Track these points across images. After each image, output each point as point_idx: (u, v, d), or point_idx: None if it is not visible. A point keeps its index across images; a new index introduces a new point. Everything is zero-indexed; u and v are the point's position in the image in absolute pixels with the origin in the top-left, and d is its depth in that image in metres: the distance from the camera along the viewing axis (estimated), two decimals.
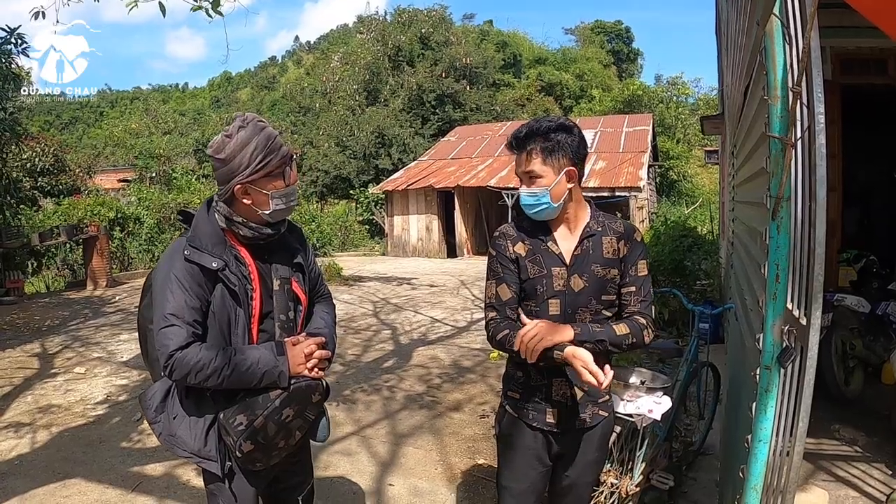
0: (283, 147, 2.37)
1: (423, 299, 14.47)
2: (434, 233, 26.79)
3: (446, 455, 5.37)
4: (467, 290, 15.95)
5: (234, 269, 2.38)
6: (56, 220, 19.18)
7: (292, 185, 2.43)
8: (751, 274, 3.24)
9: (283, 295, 2.50)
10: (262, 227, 2.44)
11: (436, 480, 4.90)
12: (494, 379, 7.56)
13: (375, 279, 18.58)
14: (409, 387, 7.43)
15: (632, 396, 3.76)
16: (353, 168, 38.05)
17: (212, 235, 2.41)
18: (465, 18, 67.79)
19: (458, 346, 9.44)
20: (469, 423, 6.13)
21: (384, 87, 42.57)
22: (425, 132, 39.87)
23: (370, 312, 12.70)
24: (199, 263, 2.33)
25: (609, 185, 22.97)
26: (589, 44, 66.10)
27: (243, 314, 2.39)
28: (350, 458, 5.31)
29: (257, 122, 2.35)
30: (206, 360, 2.25)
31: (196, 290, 2.33)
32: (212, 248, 2.37)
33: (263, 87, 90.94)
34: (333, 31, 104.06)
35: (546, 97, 51.59)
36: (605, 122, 31.73)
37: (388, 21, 47.57)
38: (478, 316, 12.01)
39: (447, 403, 6.79)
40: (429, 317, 12.10)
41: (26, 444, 5.90)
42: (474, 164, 28.27)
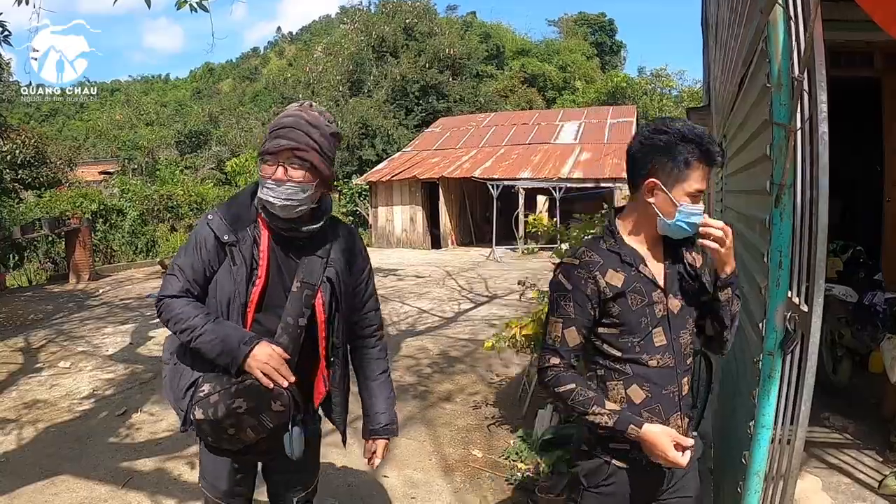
0: (282, 141, 2.29)
1: (409, 290, 14.46)
2: (418, 224, 26.76)
3: (440, 446, 5.38)
4: (453, 280, 15.96)
5: (246, 249, 2.37)
6: (38, 213, 19.02)
7: (281, 180, 2.30)
8: (748, 262, 3.25)
9: (300, 300, 2.41)
10: (271, 215, 2.38)
11: (430, 471, 4.90)
12: (484, 369, 7.59)
13: None
14: (398, 377, 7.37)
15: None
16: (337, 159, 37.88)
17: (240, 210, 2.45)
18: (448, 10, 67.62)
19: (447, 337, 9.45)
20: (462, 414, 6.14)
21: (368, 78, 42.51)
22: (409, 123, 39.86)
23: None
24: (215, 231, 2.38)
25: (594, 176, 23.01)
26: (572, 35, 66.11)
27: (241, 296, 2.36)
28: (342, 451, 5.24)
29: (301, 108, 2.39)
30: (186, 314, 2.32)
31: (205, 254, 2.38)
32: (233, 222, 2.40)
33: (245, 78, 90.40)
34: (316, 21, 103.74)
35: (529, 88, 51.66)
36: (588, 113, 31.78)
37: (373, 12, 47.49)
38: (465, 306, 12.04)
39: (438, 394, 6.80)
40: (416, 307, 12.08)
41: (12, 441, 5.79)
42: (458, 155, 28.24)
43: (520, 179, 23.55)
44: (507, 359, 7.64)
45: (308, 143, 2.30)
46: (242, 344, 2.26)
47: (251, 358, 2.25)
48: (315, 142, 2.33)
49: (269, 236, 2.41)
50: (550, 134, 29.00)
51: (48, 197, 21.12)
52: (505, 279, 15.36)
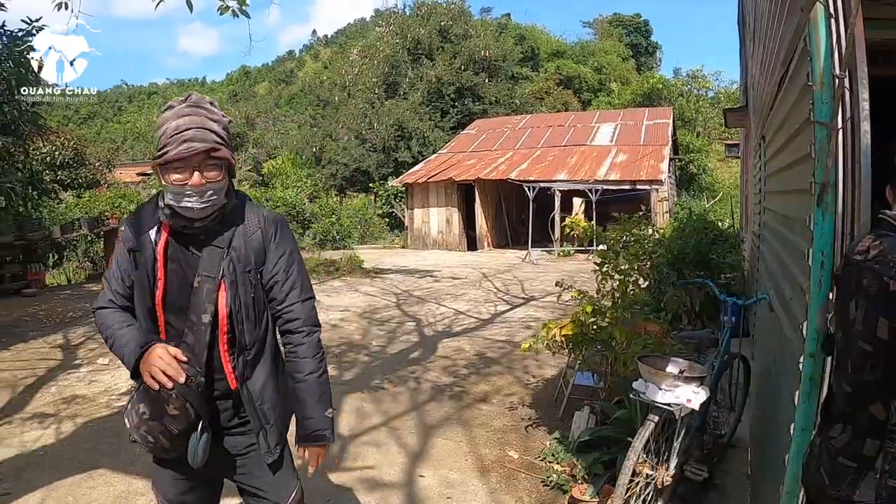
0: (194, 144, 2.18)
1: (445, 291, 14.50)
2: (454, 226, 26.77)
3: (476, 446, 5.37)
4: (489, 282, 15.95)
5: (147, 253, 2.34)
6: (77, 213, 19.39)
7: (201, 186, 2.22)
8: (790, 263, 3.22)
9: (201, 296, 2.33)
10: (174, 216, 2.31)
11: (466, 472, 4.90)
12: (520, 370, 7.58)
13: (397, 272, 18.66)
14: (435, 378, 7.45)
15: (670, 386, 3.74)
16: (373, 161, 38.14)
17: (145, 215, 2.41)
18: (483, 12, 67.44)
19: (483, 338, 9.45)
20: (498, 415, 6.13)
21: (403, 81, 42.59)
22: (445, 125, 39.89)
23: (393, 304, 12.73)
24: (122, 241, 2.39)
25: (630, 178, 22.86)
26: (607, 37, 65.63)
27: (148, 300, 2.35)
28: (379, 450, 5.33)
29: (190, 105, 2.27)
30: (107, 324, 2.37)
31: (122, 263, 2.40)
32: (135, 227, 2.39)
33: (281, 80, 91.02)
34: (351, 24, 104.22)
35: (565, 90, 51.38)
36: (625, 115, 31.60)
37: (407, 14, 47.53)
38: (501, 308, 12.04)
39: (474, 395, 6.80)
40: (452, 309, 12.10)
41: (51, 436, 5.92)
42: (494, 156, 28.22)
43: (556, 181, 23.46)
44: (543, 360, 7.63)
45: (217, 141, 2.24)
46: (138, 347, 2.25)
47: (142, 361, 2.22)
48: (220, 137, 2.26)
49: (167, 237, 2.34)
50: (586, 136, 28.86)
51: (87, 197, 21.49)
52: (541, 281, 15.33)
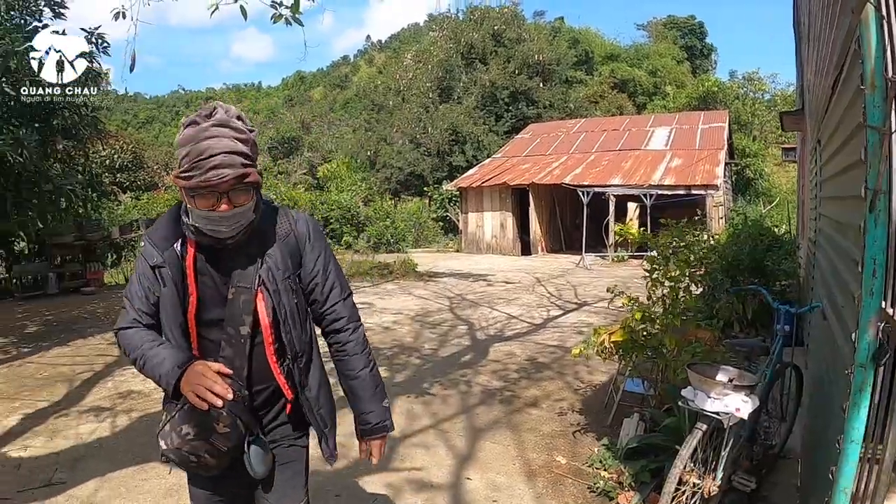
0: (222, 171, 2.05)
1: (498, 296, 14.49)
2: (508, 230, 26.72)
3: (524, 451, 5.36)
4: (542, 287, 15.89)
5: (174, 268, 2.25)
6: (135, 214, 19.91)
7: (221, 213, 2.12)
8: (842, 270, 3.16)
9: (237, 307, 2.26)
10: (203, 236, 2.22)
11: (514, 476, 4.89)
12: (571, 376, 7.54)
13: (450, 275, 18.75)
14: (485, 382, 7.45)
15: (719, 394, 3.70)
16: (427, 165, 38.28)
17: (167, 229, 2.31)
18: (536, 15, 67.00)
19: (535, 343, 9.42)
20: (547, 420, 6.10)
21: (457, 85, 42.64)
22: (499, 129, 39.83)
23: (446, 307, 12.79)
24: (145, 258, 2.29)
25: (685, 183, 22.58)
26: (661, 39, 64.67)
27: (179, 316, 2.27)
28: (428, 451, 5.36)
29: (216, 124, 2.10)
30: (134, 344, 2.26)
31: (145, 281, 2.29)
32: (159, 243, 2.29)
33: (336, 85, 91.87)
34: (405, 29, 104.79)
35: (619, 94, 50.89)
36: (680, 118, 31.13)
37: (461, 19, 47.56)
38: (554, 313, 11.99)
39: (524, 399, 6.78)
40: (505, 313, 12.09)
41: (106, 428, 6.18)
42: (549, 161, 28.10)
43: (610, 186, 23.27)
44: (595, 366, 7.57)
45: (245, 163, 2.12)
46: (177, 367, 2.15)
47: (183, 381, 2.12)
48: (249, 157, 2.14)
49: (194, 250, 2.26)
50: (641, 140, 28.57)
51: (145, 199, 22.04)
52: (594, 287, 15.23)
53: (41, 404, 7.03)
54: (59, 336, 10.84)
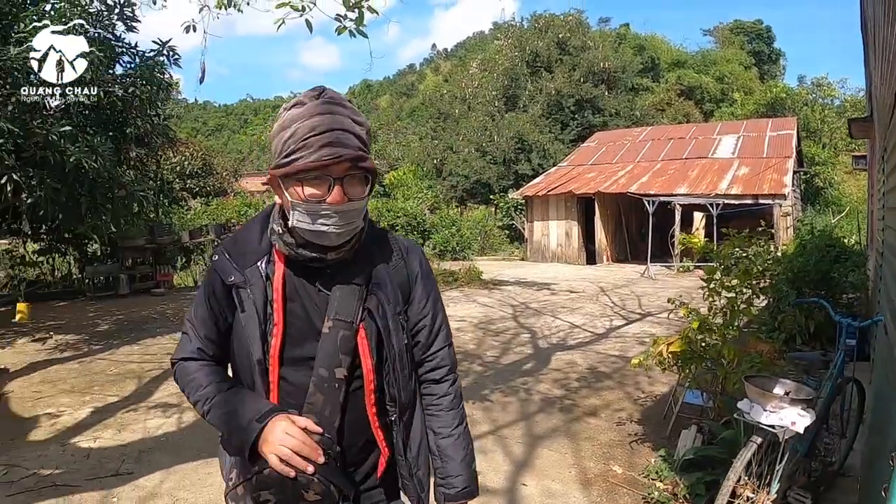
0: (337, 150, 1.68)
1: (561, 304, 14.52)
2: (573, 239, 26.63)
3: (581, 459, 5.42)
4: (607, 296, 15.84)
5: (256, 291, 1.84)
6: (205, 220, 20.45)
7: (333, 203, 1.71)
8: None
9: (334, 343, 1.82)
10: (301, 246, 1.82)
11: (569, 483, 4.95)
12: (631, 386, 7.55)
13: (515, 283, 18.78)
14: (545, 390, 7.52)
15: (775, 407, 3.70)
16: (493, 173, 38.32)
17: (249, 242, 1.92)
18: (601, 22, 66.45)
19: (596, 352, 9.44)
20: (605, 429, 6.15)
21: (523, 93, 42.61)
22: (565, 137, 39.69)
23: (509, 315, 12.86)
24: (219, 273, 1.89)
25: (752, 192, 22.17)
26: (728, 45, 63.38)
27: (257, 351, 1.82)
28: (485, 456, 5.44)
29: (327, 101, 1.74)
30: (197, 383, 1.89)
31: (215, 303, 1.92)
32: (239, 258, 1.89)
33: (402, 94, 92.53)
34: (470, 38, 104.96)
35: (686, 101, 50.12)
36: (747, 126, 30.51)
37: (525, 27, 47.53)
38: (617, 323, 11.97)
39: (584, 408, 6.83)
40: (568, 322, 12.12)
41: (173, 424, 6.50)
42: (614, 169, 27.92)
43: (676, 195, 23.02)
44: (656, 378, 7.56)
45: (362, 148, 1.75)
46: (255, 421, 1.73)
47: (262, 441, 1.71)
48: (366, 143, 1.78)
49: (284, 269, 1.86)
50: (708, 148, 28.14)
51: (215, 205, 22.55)
52: (658, 297, 15.11)
53: (111, 399, 7.43)
54: (129, 335, 11.33)
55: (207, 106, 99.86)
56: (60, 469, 5.44)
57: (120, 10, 9.93)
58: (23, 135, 7.71)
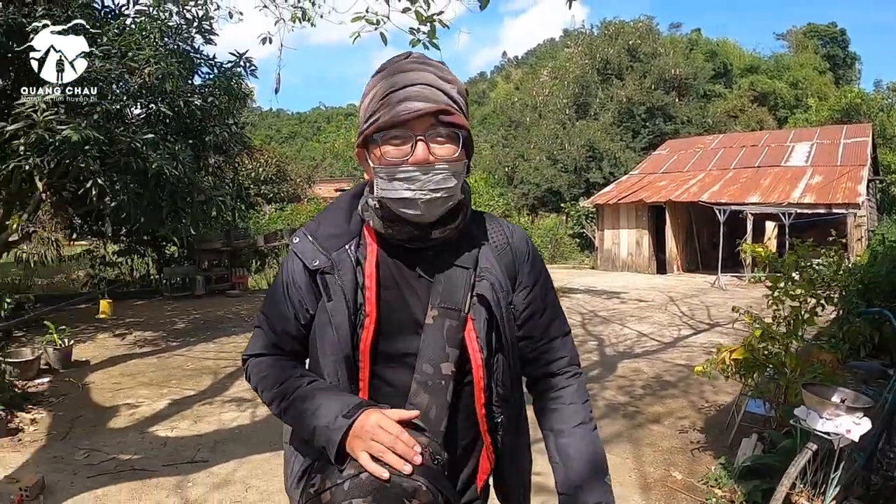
0: (417, 104, 1.49)
1: (630, 313, 14.53)
2: (644, 248, 26.48)
3: (642, 464, 5.53)
4: (675, 306, 15.76)
5: (345, 276, 1.61)
6: (279, 224, 21.02)
7: (426, 163, 1.51)
8: None
9: (440, 334, 1.59)
10: (394, 221, 1.60)
11: (628, 487, 5.06)
12: (696, 395, 7.58)
13: (584, 292, 18.82)
14: (611, 396, 7.63)
15: (831, 415, 3.77)
16: (564, 181, 38.24)
17: (335, 222, 1.71)
18: (672, 28, 65.56)
19: (663, 361, 9.49)
20: (668, 436, 6.23)
21: (594, 101, 42.42)
22: (636, 146, 39.44)
23: (577, 323, 12.93)
24: (301, 258, 1.66)
25: (825, 201, 21.67)
26: (802, 49, 61.47)
27: (346, 345, 1.59)
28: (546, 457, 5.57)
29: (413, 60, 1.60)
30: (274, 379, 1.68)
31: (294, 293, 1.68)
32: (325, 241, 1.66)
33: (474, 101, 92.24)
34: (540, 45, 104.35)
35: (759, 108, 48.91)
36: (821, 133, 29.79)
37: (595, 34, 47.30)
38: (684, 332, 11.97)
39: (647, 415, 6.92)
40: (636, 331, 12.17)
41: (246, 417, 6.88)
42: (686, 178, 27.65)
43: (747, 204, 22.71)
44: (721, 387, 7.58)
45: (450, 104, 1.54)
46: (342, 416, 1.48)
47: (351, 436, 1.45)
48: (455, 102, 1.57)
49: (378, 252, 1.64)
50: (780, 156, 27.64)
51: (289, 211, 23.07)
52: (728, 308, 14.88)
53: (187, 392, 7.87)
54: (205, 333, 11.86)
55: (281, 114, 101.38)
56: (139, 455, 5.87)
57: (198, 23, 10.35)
58: (107, 142, 8.09)
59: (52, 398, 7.79)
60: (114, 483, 5.19)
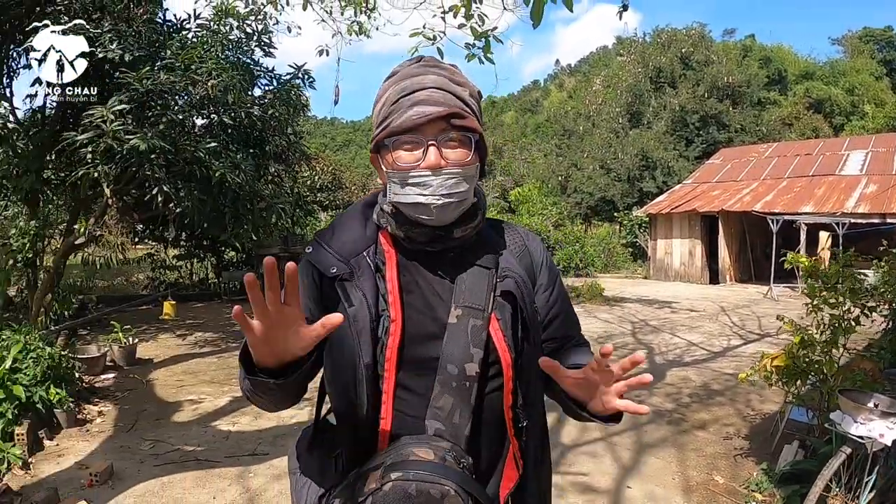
0: (428, 108, 1.49)
1: (681, 323, 14.60)
2: (696, 258, 26.34)
3: (685, 468, 5.70)
4: (727, 316, 15.76)
5: (365, 283, 1.57)
6: None
7: (438, 167, 1.50)
8: None
9: (464, 334, 1.54)
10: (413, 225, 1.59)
11: (671, 489, 5.26)
12: (742, 404, 7.71)
13: (636, 301, 18.91)
14: (658, 403, 7.80)
15: (865, 419, 3.91)
16: (618, 191, 38.15)
17: (350, 229, 1.68)
18: (725, 34, 64.37)
19: (711, 370, 9.60)
20: (712, 442, 6.39)
21: (646, 110, 42.23)
22: (689, 154, 39.11)
23: (628, 332, 13.08)
24: (316, 265, 1.62)
25: (880, 210, 21.21)
26: (857, 54, 59.55)
27: (367, 354, 1.52)
28: (595, 460, 5.86)
29: (423, 64, 1.60)
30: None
31: (310, 302, 1.62)
32: (341, 247, 1.63)
33: (527, 110, 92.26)
34: (594, 53, 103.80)
35: (814, 115, 47.52)
36: (876, 141, 29.05)
37: (647, 42, 47.06)
38: (734, 342, 12.02)
39: (693, 422, 7.08)
40: (685, 340, 12.26)
41: (305, 415, 7.09)
42: (739, 187, 27.36)
43: (800, 214, 22.39)
44: (767, 396, 7.70)
45: (462, 107, 1.53)
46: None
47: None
48: (469, 105, 1.56)
49: (397, 257, 1.62)
50: (835, 164, 27.08)
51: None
52: None
53: None
54: None
55: (335, 122, 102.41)
56: (202, 446, 6.32)
57: (258, 37, 10.72)
58: (173, 151, 8.42)
59: (117, 393, 8.33)
60: (179, 472, 5.63)
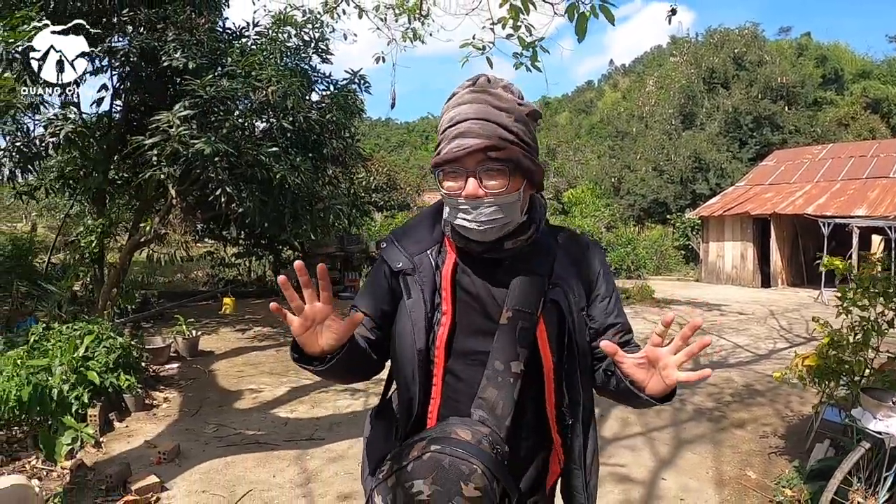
0: (466, 141, 1.64)
1: (728, 325, 14.73)
2: (748, 261, 26.19)
3: (720, 463, 5.96)
4: (775, 320, 15.81)
5: (425, 278, 1.79)
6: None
7: (477, 197, 1.65)
8: None
9: (512, 334, 1.71)
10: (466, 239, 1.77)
11: (704, 482, 5.53)
12: (782, 405, 7.90)
13: (685, 303, 19.04)
14: (699, 402, 8.06)
15: (883, 415, 4.13)
16: (670, 193, 37.93)
17: (420, 230, 1.90)
18: (780, 32, 63.12)
19: (754, 372, 9.75)
20: (748, 440, 6.62)
21: (700, 111, 41.83)
22: (743, 156, 38.66)
23: (675, 333, 13.16)
24: (386, 260, 1.86)
25: None
26: None
27: (422, 338, 1.75)
28: (633, 453, 6.19)
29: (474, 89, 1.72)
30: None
31: (380, 290, 1.88)
32: (409, 245, 1.86)
33: (581, 111, 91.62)
34: (647, 53, 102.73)
35: (872, 115, 45.96)
36: None
37: (700, 43, 46.61)
38: (780, 345, 12.13)
39: (732, 420, 7.31)
40: (732, 342, 12.41)
41: (360, 405, 7.73)
42: (792, 190, 27.10)
43: (853, 217, 22.15)
44: (807, 398, 7.82)
45: (503, 136, 1.65)
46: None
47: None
48: (511, 131, 1.66)
49: (456, 258, 1.81)
50: (889, 167, 26.53)
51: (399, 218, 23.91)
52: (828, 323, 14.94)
53: (304, 382, 8.72)
54: None
55: (390, 123, 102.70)
56: (262, 431, 6.85)
57: (315, 44, 11.27)
58: (235, 154, 8.85)
59: (181, 381, 8.94)
60: (241, 453, 6.16)
